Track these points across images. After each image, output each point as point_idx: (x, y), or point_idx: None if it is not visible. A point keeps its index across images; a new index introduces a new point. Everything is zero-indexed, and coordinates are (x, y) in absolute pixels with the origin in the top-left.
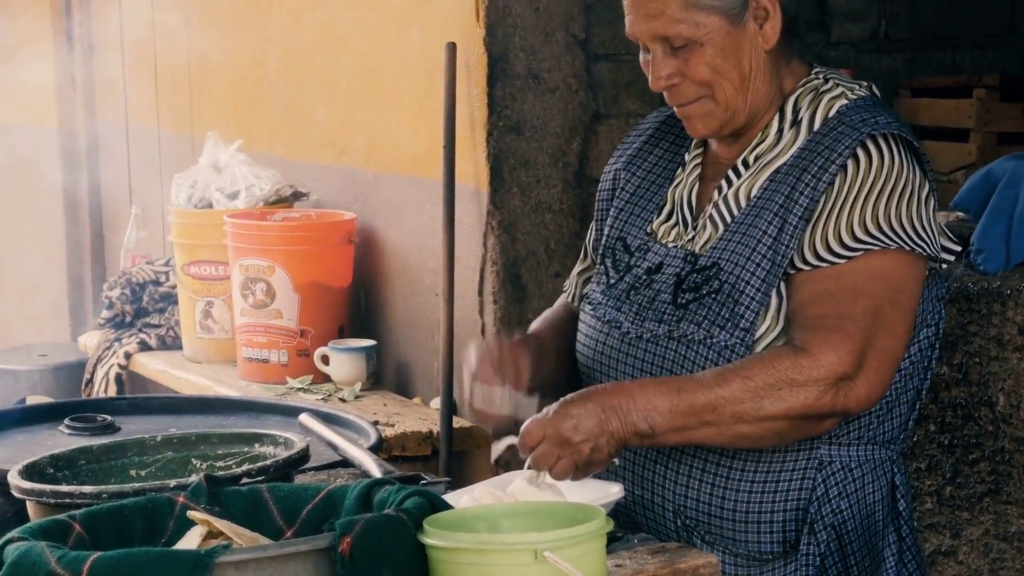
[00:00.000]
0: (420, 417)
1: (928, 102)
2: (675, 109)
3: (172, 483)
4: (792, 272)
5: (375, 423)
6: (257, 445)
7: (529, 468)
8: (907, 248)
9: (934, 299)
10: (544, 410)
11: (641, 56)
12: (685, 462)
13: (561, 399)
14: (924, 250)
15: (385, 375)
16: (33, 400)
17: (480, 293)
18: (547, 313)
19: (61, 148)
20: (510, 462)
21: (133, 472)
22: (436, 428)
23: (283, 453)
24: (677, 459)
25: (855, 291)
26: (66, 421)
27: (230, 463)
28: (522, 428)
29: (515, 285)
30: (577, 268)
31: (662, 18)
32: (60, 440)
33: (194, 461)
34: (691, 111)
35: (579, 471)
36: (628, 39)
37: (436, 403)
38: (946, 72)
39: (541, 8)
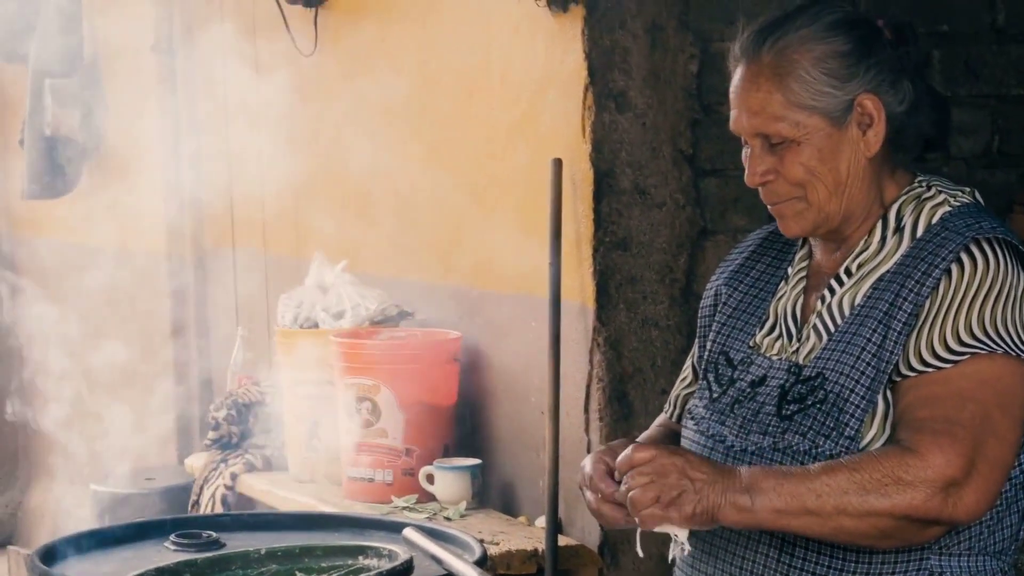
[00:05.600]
0: (525, 536)
1: None
2: (769, 206)
3: None
4: (898, 379)
5: (480, 541)
6: (361, 558)
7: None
8: (1012, 353)
9: None
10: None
11: (743, 150)
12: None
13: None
14: None
15: (490, 494)
16: None
17: (586, 410)
18: (645, 434)
19: (169, 271)
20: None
21: None
22: (541, 546)
23: (387, 565)
24: (784, 573)
25: (962, 396)
26: (171, 537)
27: (334, 575)
28: (639, 446)
29: (621, 402)
30: (679, 386)
31: (763, 115)
32: (166, 556)
33: (298, 574)
34: (783, 209)
35: (657, 507)
36: (736, 154)
37: (541, 522)
38: None
39: (648, 123)
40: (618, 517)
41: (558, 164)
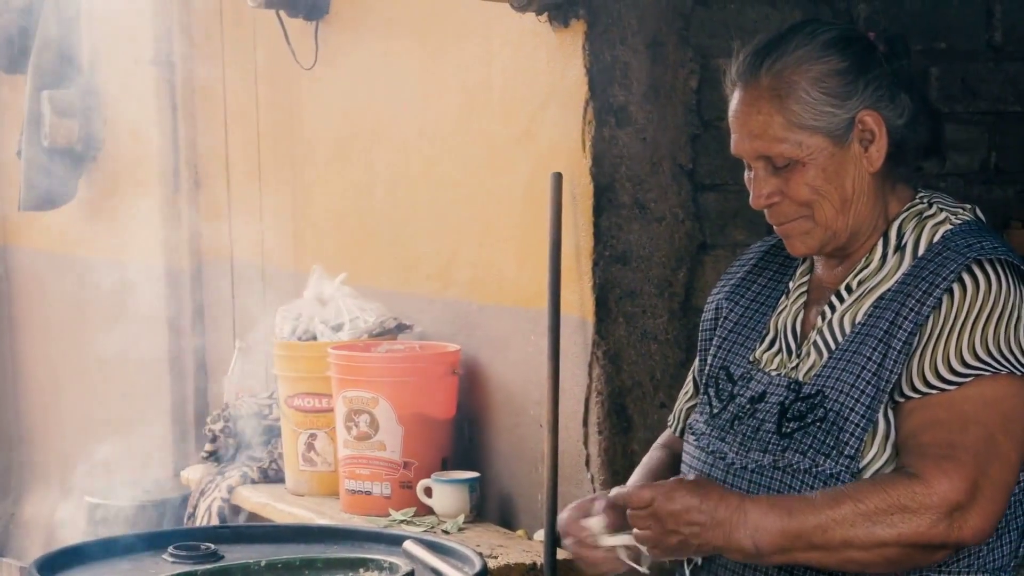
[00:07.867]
0: (523, 549)
1: None
2: (775, 227)
3: None
4: (901, 400)
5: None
6: (362, 570)
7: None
8: (1017, 374)
9: None
10: (666, 481)
11: (745, 173)
12: None
13: (681, 478)
14: None
15: (488, 507)
16: None
17: (585, 424)
18: (646, 460)
19: (166, 283)
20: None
21: None
22: (540, 560)
23: None
24: None
25: (966, 419)
26: (170, 549)
27: None
28: (637, 488)
29: (620, 416)
30: (681, 399)
31: (765, 137)
32: (164, 568)
33: None
34: (790, 230)
35: (657, 549)
36: (735, 169)
37: (540, 535)
38: None
39: (648, 138)
40: (597, 558)
41: (558, 178)
